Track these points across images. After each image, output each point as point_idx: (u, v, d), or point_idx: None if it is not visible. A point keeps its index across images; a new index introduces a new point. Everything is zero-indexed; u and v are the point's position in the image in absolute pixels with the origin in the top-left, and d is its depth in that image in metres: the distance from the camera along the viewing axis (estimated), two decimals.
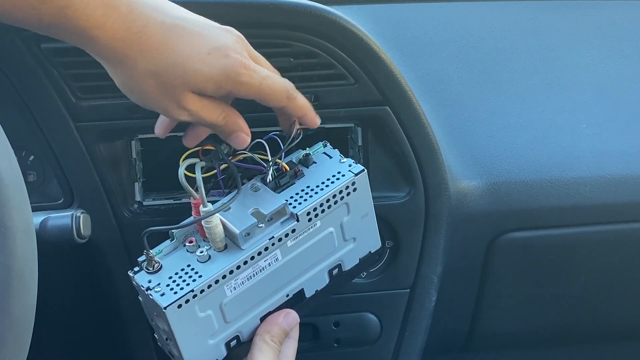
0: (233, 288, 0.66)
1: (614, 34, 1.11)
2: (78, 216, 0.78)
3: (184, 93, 0.63)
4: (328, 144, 0.74)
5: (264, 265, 0.67)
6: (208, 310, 0.65)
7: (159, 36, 0.61)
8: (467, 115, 0.98)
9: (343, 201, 0.70)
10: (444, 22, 1.09)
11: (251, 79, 0.65)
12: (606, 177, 0.96)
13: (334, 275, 0.73)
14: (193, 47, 0.62)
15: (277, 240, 0.67)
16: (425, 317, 0.96)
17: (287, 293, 0.71)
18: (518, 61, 1.05)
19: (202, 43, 0.63)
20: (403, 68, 0.88)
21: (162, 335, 0.68)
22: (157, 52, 0.61)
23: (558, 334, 1.11)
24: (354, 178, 0.70)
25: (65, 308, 0.96)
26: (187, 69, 0.62)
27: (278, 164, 0.70)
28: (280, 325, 0.69)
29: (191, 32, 0.63)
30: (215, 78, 0.63)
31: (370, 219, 0.74)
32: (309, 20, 0.80)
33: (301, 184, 0.70)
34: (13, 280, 0.50)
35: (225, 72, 0.63)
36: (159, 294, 0.64)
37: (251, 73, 0.65)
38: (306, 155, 0.72)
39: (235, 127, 0.68)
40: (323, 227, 0.70)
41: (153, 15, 0.62)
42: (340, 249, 0.73)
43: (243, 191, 0.69)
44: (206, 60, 0.63)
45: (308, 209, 0.68)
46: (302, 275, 0.71)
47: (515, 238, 0.97)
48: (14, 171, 0.52)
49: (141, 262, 0.66)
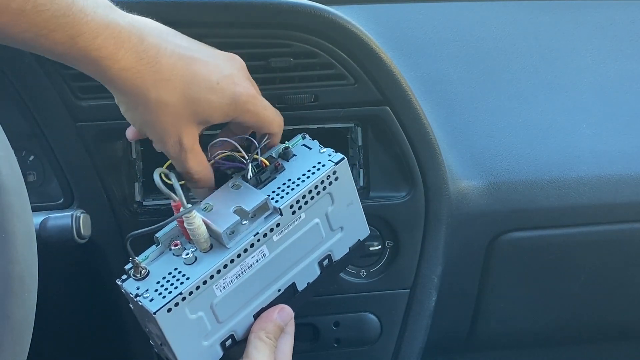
0: (222, 287, 0.66)
1: (614, 34, 1.11)
2: (78, 216, 0.78)
3: (189, 124, 0.64)
4: (307, 135, 0.74)
5: (252, 262, 0.67)
6: (199, 312, 0.65)
7: (170, 67, 0.62)
8: (467, 115, 0.98)
9: (326, 191, 0.70)
10: (444, 22, 1.09)
11: (255, 107, 0.67)
12: (606, 177, 0.96)
13: (324, 266, 0.73)
14: (203, 77, 0.64)
15: (262, 236, 0.67)
16: (425, 317, 0.96)
17: (278, 288, 0.71)
18: (518, 61, 1.05)
19: (211, 72, 0.64)
20: (403, 68, 0.88)
21: (156, 341, 0.68)
22: (169, 83, 0.62)
23: (558, 334, 1.11)
24: (334, 167, 0.70)
25: (65, 308, 0.96)
26: (198, 100, 0.63)
27: (257, 160, 0.70)
28: (274, 321, 0.69)
29: (200, 62, 0.64)
30: (224, 108, 0.65)
31: (355, 207, 0.74)
32: (309, 20, 0.80)
33: (282, 177, 0.70)
34: (13, 285, 0.50)
35: (234, 100, 0.65)
36: (147, 300, 0.63)
37: (256, 102, 0.67)
38: (285, 149, 0.72)
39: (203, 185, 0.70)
40: (308, 218, 0.70)
41: (163, 45, 0.62)
42: (329, 239, 0.73)
43: (224, 190, 0.69)
44: (216, 90, 0.64)
45: (291, 201, 0.68)
46: (292, 269, 0.71)
47: (515, 238, 0.97)
48: (15, 177, 0.52)
49: (128, 270, 0.66)
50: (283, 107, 0.82)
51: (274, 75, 0.82)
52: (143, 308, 0.63)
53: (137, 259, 0.65)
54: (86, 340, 1.02)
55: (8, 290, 0.49)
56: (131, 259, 0.65)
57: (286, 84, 0.83)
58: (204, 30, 0.79)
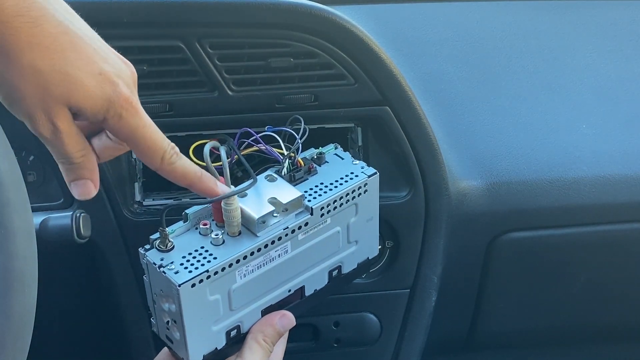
0: (243, 275, 0.66)
1: (614, 34, 1.11)
2: (78, 216, 0.78)
3: (59, 105, 0.56)
4: (339, 146, 0.75)
5: (275, 256, 0.68)
6: (217, 295, 0.65)
7: (52, 35, 0.54)
8: (467, 115, 0.98)
9: (354, 201, 0.71)
10: (444, 22, 1.09)
11: (132, 118, 0.58)
12: (606, 177, 0.96)
13: (333, 277, 0.74)
14: (87, 61, 0.56)
15: (291, 232, 0.67)
16: (425, 317, 0.96)
17: (289, 288, 0.71)
18: (518, 61, 1.05)
19: (95, 60, 0.56)
20: (403, 68, 0.88)
21: (163, 319, 0.68)
22: (47, 51, 0.54)
23: (558, 334, 1.11)
24: (367, 179, 0.71)
25: (65, 308, 0.96)
26: (75, 80, 0.55)
27: (293, 158, 0.71)
28: (274, 326, 0.69)
29: (87, 45, 0.56)
30: (98, 101, 0.56)
31: (373, 224, 0.75)
32: (309, 20, 0.80)
33: (315, 180, 0.70)
34: (13, 282, 0.49)
35: (110, 99, 0.56)
36: (172, 272, 0.63)
37: (134, 113, 0.58)
38: (320, 154, 0.72)
39: (86, 173, 0.60)
40: (332, 225, 0.70)
41: (51, 12, 0.55)
42: (343, 250, 0.74)
43: (259, 181, 0.69)
44: (96, 78, 0.56)
45: (322, 203, 0.68)
46: (305, 271, 0.71)
47: (515, 238, 0.97)
48: (14, 173, 0.52)
49: (153, 240, 0.65)
50: (283, 107, 0.82)
51: (274, 75, 0.82)
52: (166, 280, 0.63)
53: (167, 230, 0.65)
54: (86, 341, 1.02)
55: (8, 286, 0.49)
56: (160, 230, 0.64)
57: (286, 84, 0.83)
58: (204, 30, 0.79)
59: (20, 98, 0.55)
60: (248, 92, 0.82)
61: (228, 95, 0.82)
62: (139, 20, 0.78)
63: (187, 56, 0.80)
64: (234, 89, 0.82)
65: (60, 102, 0.55)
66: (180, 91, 0.81)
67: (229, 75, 0.81)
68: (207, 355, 0.68)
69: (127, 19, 0.77)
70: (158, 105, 0.81)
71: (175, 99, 0.81)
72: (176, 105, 0.81)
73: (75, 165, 0.59)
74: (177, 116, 0.82)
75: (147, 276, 0.66)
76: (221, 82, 0.81)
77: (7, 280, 0.49)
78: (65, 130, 0.56)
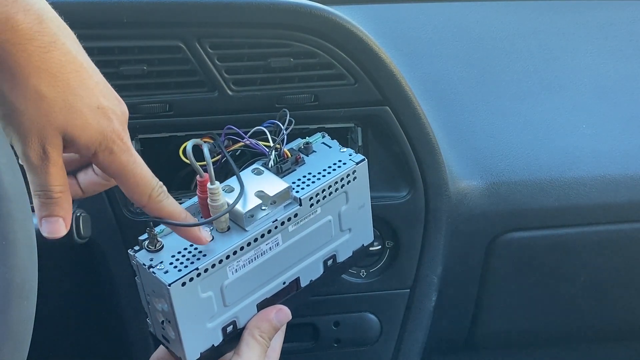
0: (235, 270, 0.66)
1: (614, 34, 1.11)
2: (78, 216, 0.78)
3: (55, 132, 0.56)
4: (326, 134, 0.74)
5: (265, 249, 0.68)
6: (209, 292, 0.65)
7: (60, 62, 0.55)
8: (467, 115, 0.98)
9: (343, 189, 0.70)
10: (444, 22, 1.09)
11: (123, 154, 0.58)
12: (606, 177, 0.96)
13: (328, 266, 0.74)
14: (88, 93, 0.57)
15: (280, 224, 0.67)
16: (425, 317, 0.96)
17: (284, 280, 0.71)
18: (518, 61, 1.05)
19: (95, 94, 0.57)
20: (403, 68, 0.88)
21: (158, 319, 0.68)
22: (53, 78, 0.55)
23: (558, 334, 1.11)
24: (355, 166, 0.70)
25: (65, 308, 0.96)
26: (75, 110, 0.56)
27: (279, 150, 0.71)
28: (270, 321, 0.69)
29: (89, 77, 0.57)
30: (93, 134, 0.57)
31: (366, 210, 0.74)
32: (309, 20, 0.80)
33: (302, 170, 0.70)
34: (13, 293, 0.49)
35: (104, 133, 0.57)
36: (162, 272, 0.63)
37: (125, 150, 0.59)
38: (306, 144, 0.72)
39: (60, 211, 0.59)
40: (322, 214, 0.70)
41: (61, 39, 0.56)
42: (336, 239, 0.73)
43: (245, 174, 0.69)
44: (94, 111, 0.57)
45: (311, 194, 0.68)
46: (298, 263, 0.71)
47: (515, 238, 0.97)
48: (17, 184, 0.52)
49: (142, 241, 0.65)
50: (283, 107, 0.82)
51: (274, 75, 0.82)
52: (156, 280, 0.63)
53: (155, 230, 0.65)
54: (86, 340, 1.02)
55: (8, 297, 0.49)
56: (148, 230, 0.65)
57: (286, 84, 0.83)
58: (204, 30, 0.79)
59: (19, 120, 0.55)
60: (248, 92, 0.82)
61: (228, 95, 0.82)
62: (139, 20, 0.78)
63: (187, 56, 0.80)
64: (233, 89, 0.82)
65: (57, 129, 0.56)
66: (180, 91, 0.81)
67: (228, 75, 0.81)
68: (204, 353, 0.68)
69: (127, 19, 0.77)
70: (158, 105, 0.81)
71: (175, 99, 0.81)
72: (176, 105, 0.81)
73: (52, 201, 0.58)
74: (177, 116, 0.82)
75: (139, 277, 0.67)
76: (221, 82, 0.81)
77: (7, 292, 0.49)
78: (54, 159, 0.57)
